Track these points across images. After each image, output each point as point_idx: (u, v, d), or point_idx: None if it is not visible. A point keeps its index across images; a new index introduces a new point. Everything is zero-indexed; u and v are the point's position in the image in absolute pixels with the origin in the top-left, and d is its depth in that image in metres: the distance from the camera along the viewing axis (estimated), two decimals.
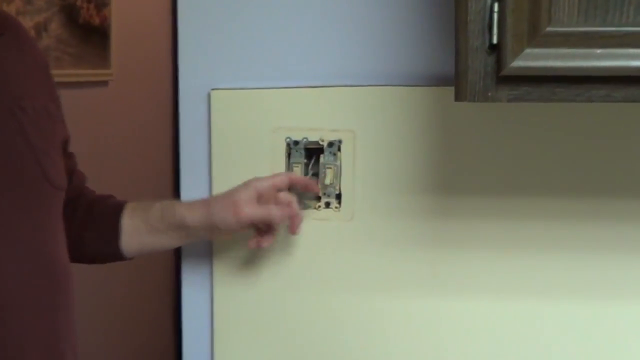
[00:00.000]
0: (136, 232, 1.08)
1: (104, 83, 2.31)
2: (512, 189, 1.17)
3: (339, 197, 1.21)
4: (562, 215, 1.17)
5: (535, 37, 0.83)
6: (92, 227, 1.09)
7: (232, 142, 1.22)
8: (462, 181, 1.19)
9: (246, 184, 1.10)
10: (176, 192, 1.25)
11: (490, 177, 1.18)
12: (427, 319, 1.21)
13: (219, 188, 1.20)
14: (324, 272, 1.22)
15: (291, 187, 1.15)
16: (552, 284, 1.18)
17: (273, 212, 1.08)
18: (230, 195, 1.08)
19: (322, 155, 1.20)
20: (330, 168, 1.20)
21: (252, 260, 1.23)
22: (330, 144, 1.20)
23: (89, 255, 1.10)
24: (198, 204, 1.09)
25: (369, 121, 1.19)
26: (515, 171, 1.17)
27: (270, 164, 1.21)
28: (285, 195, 1.12)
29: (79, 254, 1.07)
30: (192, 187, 1.24)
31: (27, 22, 2.05)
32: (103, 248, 1.08)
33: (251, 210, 1.06)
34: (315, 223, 1.21)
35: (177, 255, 1.27)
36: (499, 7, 0.83)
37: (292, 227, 1.13)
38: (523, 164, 1.17)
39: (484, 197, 1.18)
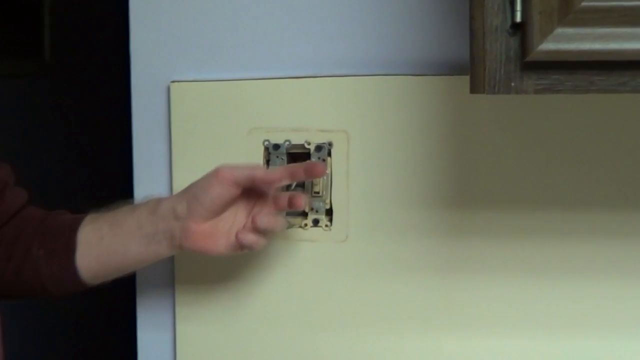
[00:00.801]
0: (96, 236, 1.08)
1: (36, 75, 2.31)
2: (542, 202, 1.17)
3: (329, 212, 1.21)
4: (606, 234, 1.17)
5: (569, 13, 0.83)
6: (39, 246, 1.09)
7: (198, 146, 1.22)
8: (480, 192, 1.19)
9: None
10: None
11: (515, 188, 1.18)
12: (437, 355, 1.21)
13: None
14: (311, 306, 1.22)
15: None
16: (593, 318, 1.18)
17: (260, 169, 1.11)
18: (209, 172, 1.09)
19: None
20: (318, 178, 1.18)
21: (222, 291, 1.23)
22: (319, 148, 1.20)
23: (32, 284, 1.10)
24: (173, 195, 1.11)
25: (365, 119, 1.19)
26: (545, 180, 1.17)
27: None
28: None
29: (18, 287, 1.08)
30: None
31: None
32: (54, 269, 1.08)
33: (232, 169, 1.07)
34: (301, 245, 1.21)
35: (130, 292, 1.27)
36: None
37: (313, 167, 1.09)
38: (555, 171, 1.17)
39: (508, 212, 1.18)
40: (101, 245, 1.09)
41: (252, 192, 1.09)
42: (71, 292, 1.11)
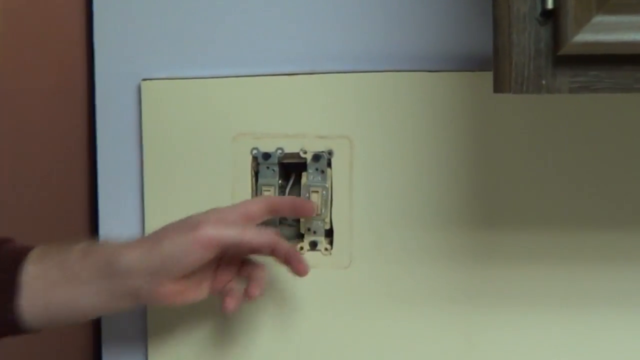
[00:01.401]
0: (45, 282, 1.07)
1: None
2: (582, 221, 1.18)
3: (329, 234, 1.21)
4: None
5: None
6: None
7: (174, 156, 1.22)
8: (506, 210, 1.19)
9: (206, 211, 1.10)
10: (94, 229, 1.26)
11: (547, 205, 1.18)
12: None
13: (154, 223, 1.18)
14: (309, 345, 1.23)
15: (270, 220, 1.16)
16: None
17: (249, 232, 1.09)
18: (185, 219, 1.08)
19: (304, 174, 1.21)
20: (316, 192, 1.20)
21: (204, 340, 1.23)
22: (317, 157, 1.20)
23: None
24: (139, 240, 1.10)
25: (371, 123, 1.20)
26: (585, 196, 1.18)
27: (231, 186, 1.22)
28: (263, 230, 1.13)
29: None
30: (116, 223, 1.25)
31: None
32: None
33: (217, 230, 1.06)
34: None
35: (95, 342, 1.28)
36: None
37: (294, 263, 1.12)
38: (597, 186, 1.17)
39: (540, 233, 1.18)
40: (51, 294, 1.07)
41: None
42: (3, 337, 1.09)
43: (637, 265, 1.18)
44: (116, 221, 1.25)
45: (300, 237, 1.21)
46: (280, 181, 1.21)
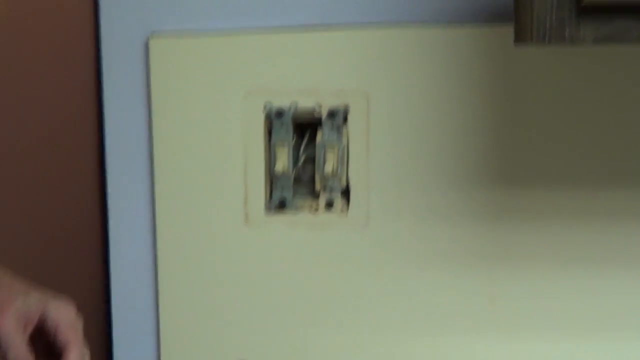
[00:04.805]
0: None
1: None
2: (604, 178, 1.18)
3: (346, 193, 1.22)
4: None
5: None
6: None
7: (183, 114, 1.23)
8: (528, 167, 1.19)
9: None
10: (102, 194, 1.27)
11: (570, 162, 1.19)
12: None
13: (163, 186, 1.22)
14: (326, 306, 1.24)
15: None
16: None
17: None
18: None
19: (319, 131, 1.21)
20: (332, 150, 1.21)
21: (218, 295, 1.24)
22: (332, 114, 1.20)
23: None
24: None
25: (389, 78, 1.20)
26: (608, 152, 1.18)
27: (243, 146, 1.22)
28: None
29: None
30: (123, 188, 1.26)
31: None
32: None
33: None
34: (312, 233, 1.22)
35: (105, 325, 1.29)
36: None
37: None
38: (620, 142, 1.17)
39: (562, 190, 1.19)
40: None
41: None
42: None
43: None
44: (125, 180, 1.26)
45: (316, 196, 1.22)
46: (294, 139, 1.22)
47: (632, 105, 1.17)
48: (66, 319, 0.98)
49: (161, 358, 1.27)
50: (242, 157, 1.22)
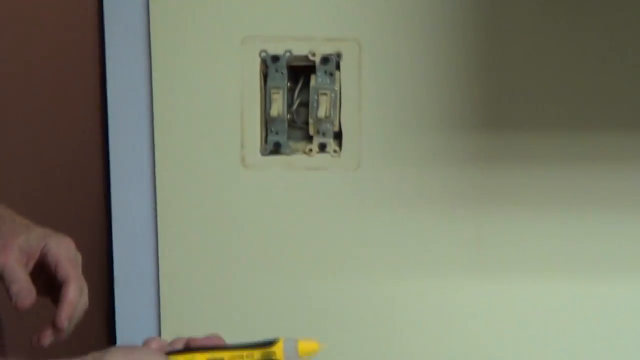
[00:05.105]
0: None
1: None
2: (589, 122, 1.19)
3: (338, 136, 1.23)
4: None
5: None
6: None
7: (183, 60, 1.23)
8: (516, 110, 1.20)
9: None
10: (104, 137, 1.28)
11: (558, 105, 1.19)
12: (467, 306, 1.24)
13: (163, 130, 1.23)
14: (318, 246, 1.25)
15: None
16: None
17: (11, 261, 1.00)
18: None
19: (313, 76, 1.22)
20: (325, 94, 1.21)
21: (213, 233, 1.25)
22: (325, 60, 1.21)
23: None
24: None
25: (381, 25, 1.20)
26: (593, 94, 1.19)
27: (239, 91, 1.22)
28: None
29: None
30: (124, 132, 1.27)
31: None
32: None
33: None
34: (306, 174, 1.23)
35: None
36: None
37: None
38: (605, 84, 1.18)
39: (549, 134, 1.20)
40: None
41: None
42: None
43: None
44: (125, 125, 1.27)
45: (309, 139, 1.23)
46: (289, 84, 1.22)
47: (616, 50, 1.17)
48: (66, 254, 0.99)
49: (161, 294, 1.28)
50: (239, 102, 1.22)
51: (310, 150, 1.23)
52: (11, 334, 0.95)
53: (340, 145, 1.23)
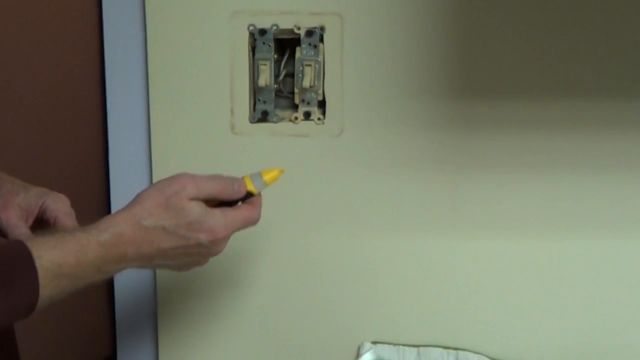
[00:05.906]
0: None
1: None
2: (562, 88, 1.22)
3: (322, 104, 1.26)
4: (635, 125, 1.22)
5: None
6: None
7: (176, 33, 1.26)
8: (491, 78, 1.23)
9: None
10: (102, 101, 1.31)
11: (531, 73, 1.22)
12: (444, 264, 1.28)
13: (158, 99, 1.26)
14: (303, 207, 1.29)
15: None
16: (611, 216, 1.25)
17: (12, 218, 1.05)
18: None
19: (298, 49, 1.25)
20: (309, 65, 1.25)
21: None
22: (309, 33, 1.25)
23: None
24: None
25: (361, 1, 1.23)
26: (569, 63, 1.21)
27: (229, 62, 1.26)
28: None
29: None
30: (121, 99, 1.30)
31: None
32: None
33: None
34: (291, 140, 1.27)
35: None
36: None
37: None
38: (581, 53, 1.21)
39: (522, 100, 1.23)
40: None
41: None
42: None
43: (613, 132, 1.23)
44: (122, 93, 1.30)
45: (295, 108, 1.27)
46: (275, 56, 1.26)
47: (594, 16, 1.19)
48: (64, 209, 1.02)
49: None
50: (229, 73, 1.26)
51: (296, 118, 1.27)
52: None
53: (324, 113, 1.26)
